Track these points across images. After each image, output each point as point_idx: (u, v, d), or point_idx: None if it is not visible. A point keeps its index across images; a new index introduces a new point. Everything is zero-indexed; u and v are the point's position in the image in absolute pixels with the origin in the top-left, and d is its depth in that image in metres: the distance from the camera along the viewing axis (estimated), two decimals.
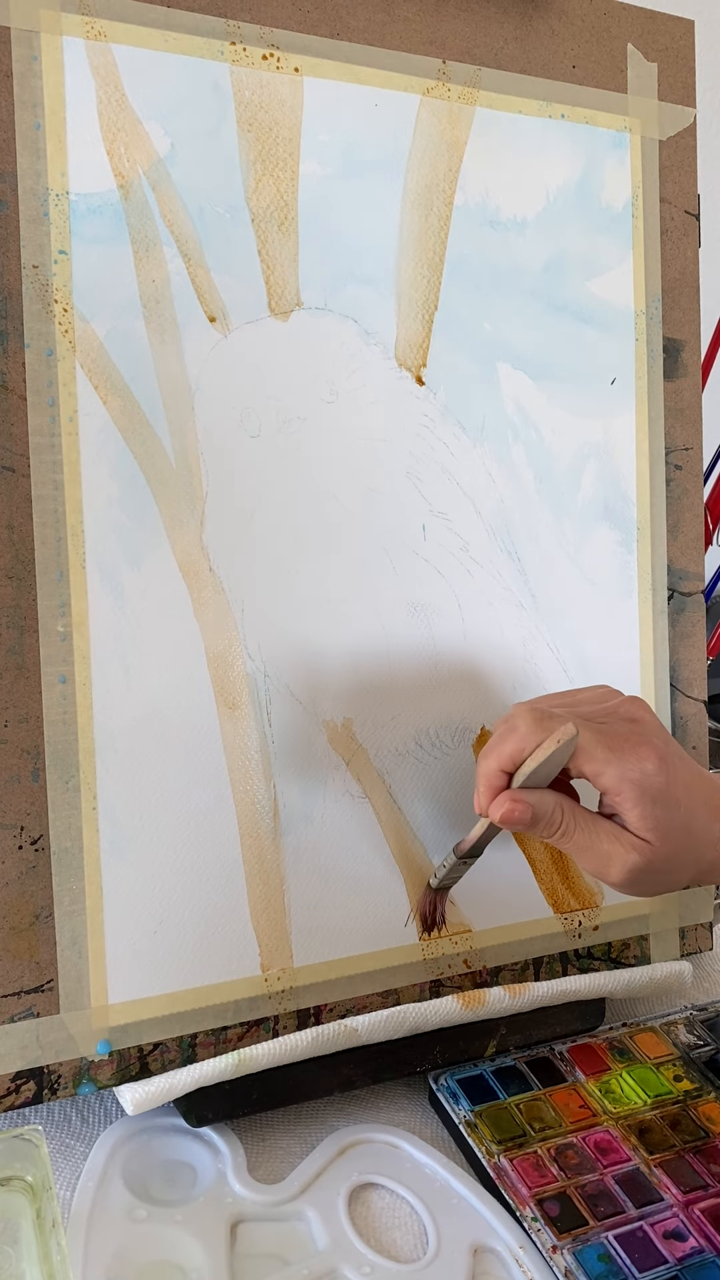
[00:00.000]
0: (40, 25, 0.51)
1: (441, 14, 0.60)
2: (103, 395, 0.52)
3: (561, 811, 0.50)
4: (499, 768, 0.50)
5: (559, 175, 0.63)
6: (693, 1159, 0.54)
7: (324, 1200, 0.51)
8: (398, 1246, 0.50)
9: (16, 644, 0.50)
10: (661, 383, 0.67)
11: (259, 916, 0.55)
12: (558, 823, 0.50)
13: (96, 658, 0.52)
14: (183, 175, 0.54)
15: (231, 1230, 0.49)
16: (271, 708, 0.56)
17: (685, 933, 0.67)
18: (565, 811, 0.50)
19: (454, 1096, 0.56)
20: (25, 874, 0.50)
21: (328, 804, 0.57)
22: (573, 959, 0.63)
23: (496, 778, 0.50)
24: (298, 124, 0.56)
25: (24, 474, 0.50)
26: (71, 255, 0.51)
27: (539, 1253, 0.49)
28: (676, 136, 0.67)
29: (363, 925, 0.57)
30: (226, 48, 0.55)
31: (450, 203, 0.60)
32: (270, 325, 0.56)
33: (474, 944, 0.61)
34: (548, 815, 0.49)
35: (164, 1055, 0.53)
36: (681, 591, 0.67)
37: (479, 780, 0.51)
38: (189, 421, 0.54)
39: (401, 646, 0.59)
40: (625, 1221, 0.51)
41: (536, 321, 0.63)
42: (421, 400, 0.60)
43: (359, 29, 0.58)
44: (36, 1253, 0.44)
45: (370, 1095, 0.58)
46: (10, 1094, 0.50)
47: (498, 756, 0.50)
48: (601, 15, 0.65)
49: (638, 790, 0.48)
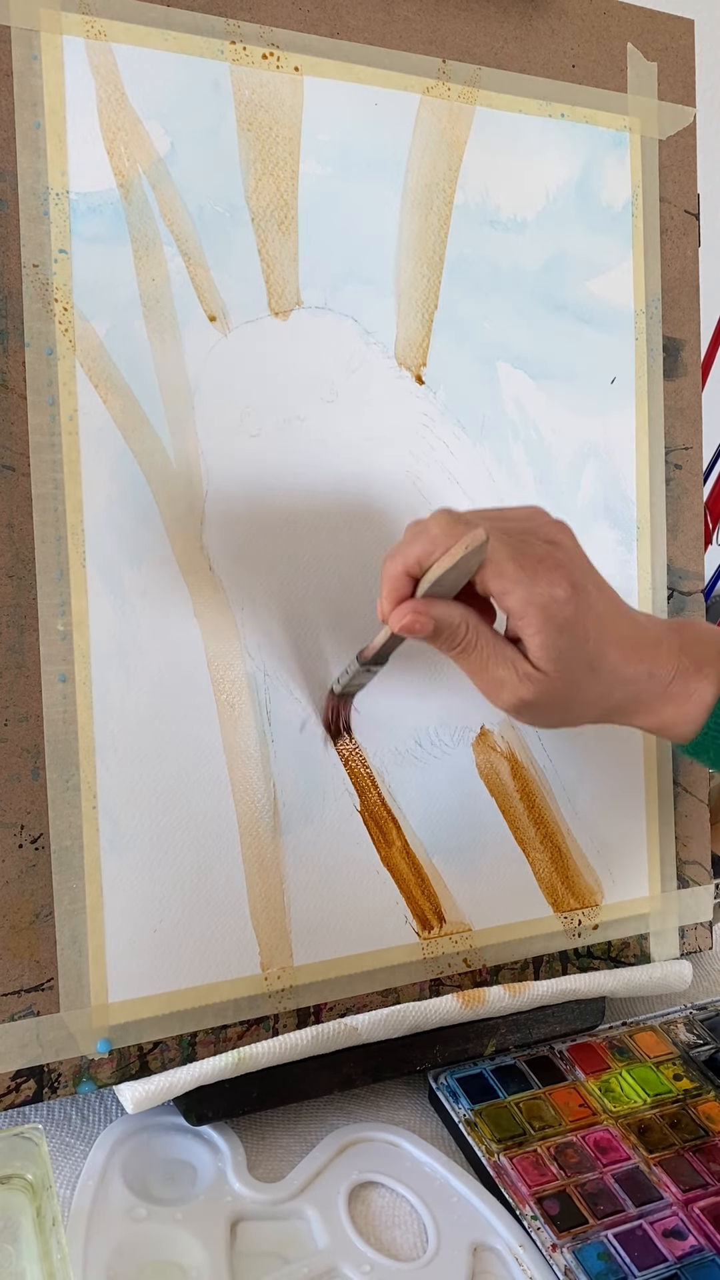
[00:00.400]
0: (40, 24, 0.51)
1: (441, 13, 0.60)
2: (103, 394, 0.52)
3: (466, 627, 0.47)
4: (404, 570, 0.47)
5: (559, 175, 0.63)
6: (692, 1158, 0.54)
7: (324, 1199, 0.51)
8: (397, 1245, 0.50)
9: (16, 643, 0.50)
10: (661, 382, 0.67)
11: (259, 915, 0.55)
12: (459, 637, 0.47)
13: (96, 657, 0.52)
14: (183, 174, 0.54)
15: (231, 1229, 0.49)
16: (271, 707, 0.56)
17: (685, 932, 0.67)
18: (470, 627, 0.47)
19: (454, 1095, 0.56)
20: (25, 873, 0.50)
21: (327, 804, 0.57)
22: (572, 958, 0.63)
23: (401, 581, 0.47)
24: (298, 123, 0.56)
25: (24, 473, 0.51)
26: (71, 254, 0.51)
27: (539, 1251, 0.49)
28: (676, 136, 0.67)
29: (362, 924, 0.57)
30: (226, 47, 0.55)
31: (450, 202, 0.60)
32: (270, 324, 0.56)
33: (474, 943, 0.61)
34: (450, 628, 0.47)
35: (164, 1054, 0.53)
36: (681, 591, 0.67)
37: (383, 582, 0.48)
38: (189, 421, 0.54)
39: (401, 645, 0.59)
40: (625, 1220, 0.51)
41: (536, 321, 0.63)
42: (421, 399, 0.60)
43: (359, 28, 0.58)
44: (37, 1251, 0.44)
45: (370, 1094, 0.58)
46: (10, 1092, 0.50)
47: (404, 558, 0.47)
48: (601, 14, 0.65)
49: (543, 616, 0.46)
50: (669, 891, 0.66)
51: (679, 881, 0.67)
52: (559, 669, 0.46)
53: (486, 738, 0.61)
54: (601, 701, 0.48)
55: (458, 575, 0.46)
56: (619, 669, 0.48)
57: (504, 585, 0.46)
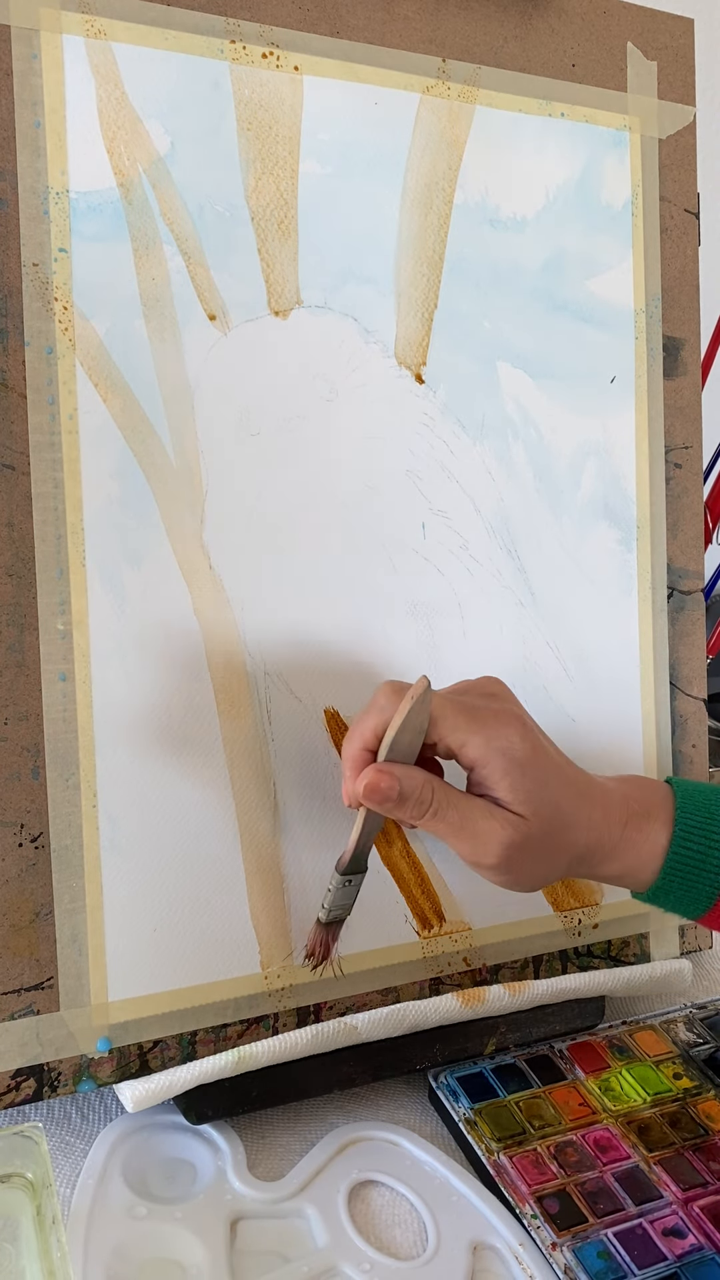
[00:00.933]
0: (40, 23, 0.51)
1: (441, 12, 0.60)
2: (103, 393, 0.52)
3: (432, 789, 0.47)
4: (362, 747, 0.48)
5: (559, 174, 0.63)
6: (692, 1156, 0.54)
7: (324, 1197, 0.51)
8: (397, 1244, 0.50)
9: (16, 641, 0.50)
10: (661, 381, 0.67)
11: (259, 914, 0.55)
12: (428, 800, 0.47)
13: (96, 656, 0.52)
14: (183, 173, 0.54)
15: (231, 1227, 0.49)
16: (271, 706, 0.56)
17: (685, 931, 0.67)
18: (436, 789, 0.47)
19: (454, 1094, 0.56)
20: (25, 871, 0.50)
21: (327, 803, 0.57)
22: (572, 957, 0.63)
23: (361, 758, 0.48)
24: (297, 122, 0.56)
25: (24, 472, 0.51)
26: (71, 253, 0.51)
27: (539, 1250, 0.49)
28: (676, 135, 0.67)
29: (362, 923, 0.57)
30: (226, 46, 0.55)
31: (450, 201, 0.60)
32: (270, 324, 0.56)
33: (474, 942, 0.61)
34: (416, 791, 0.47)
35: (164, 1053, 0.53)
36: (681, 590, 0.67)
37: (345, 766, 0.48)
38: (189, 420, 0.54)
39: (401, 645, 0.59)
40: (625, 1219, 0.51)
41: (536, 320, 0.63)
42: (421, 399, 0.60)
43: (359, 27, 0.58)
44: (37, 1250, 0.44)
45: (370, 1093, 0.58)
46: (10, 1091, 0.50)
47: (360, 734, 0.48)
48: (601, 14, 0.65)
49: (506, 759, 0.46)
50: None
51: None
52: (532, 810, 0.47)
53: None
54: (571, 846, 0.49)
55: (410, 735, 0.47)
56: (578, 813, 0.48)
57: (461, 738, 0.47)
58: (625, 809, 0.50)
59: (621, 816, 0.50)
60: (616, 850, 0.50)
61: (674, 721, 0.67)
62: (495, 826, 0.47)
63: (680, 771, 0.67)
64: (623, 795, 0.51)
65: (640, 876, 0.51)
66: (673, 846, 0.50)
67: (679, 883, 0.50)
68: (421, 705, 0.46)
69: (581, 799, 0.49)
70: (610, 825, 0.49)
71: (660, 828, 0.50)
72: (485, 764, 0.47)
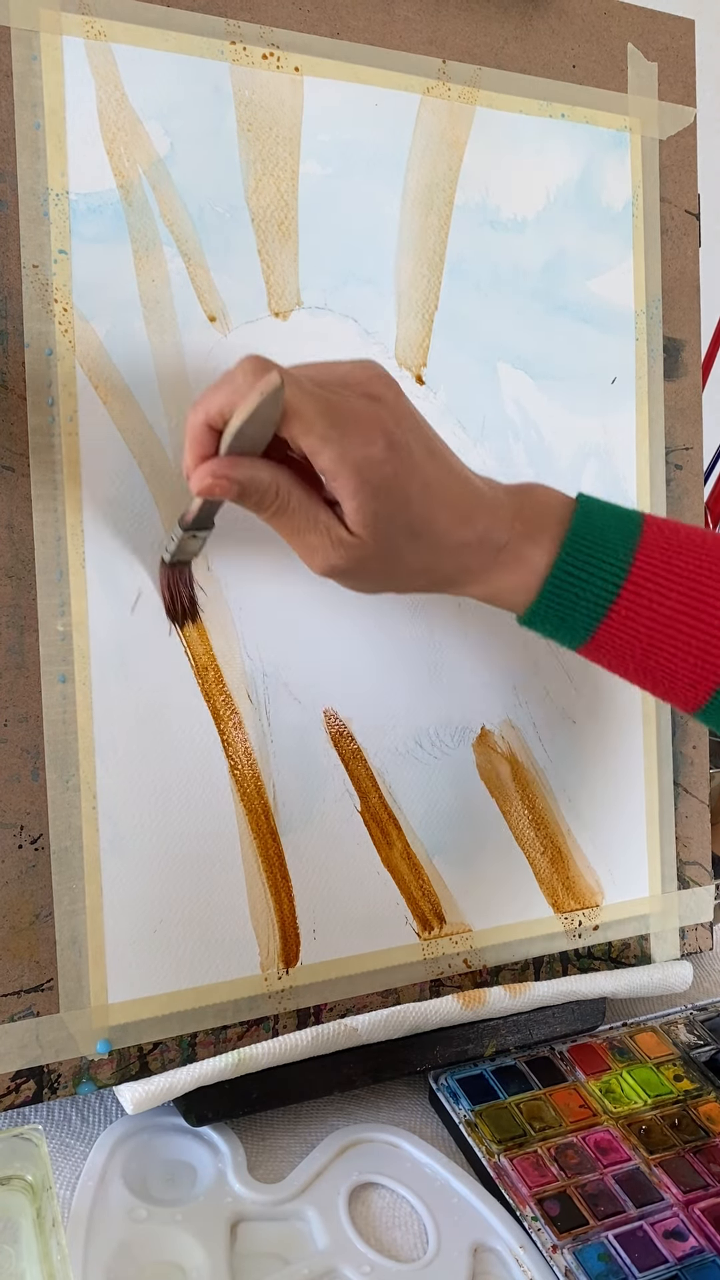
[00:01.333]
0: (40, 25, 0.51)
1: (442, 13, 0.60)
2: (102, 395, 0.52)
3: (277, 489, 0.43)
4: (205, 420, 0.43)
5: (559, 175, 0.63)
6: (693, 1159, 0.54)
7: (324, 1199, 0.51)
8: (398, 1246, 0.50)
9: (16, 643, 0.50)
10: (661, 382, 0.67)
11: (259, 916, 0.55)
12: (269, 500, 0.43)
13: (96, 657, 0.52)
14: (183, 175, 0.54)
15: (231, 1229, 0.49)
16: (271, 707, 0.56)
17: (685, 932, 0.67)
18: (281, 489, 0.43)
19: (454, 1096, 0.56)
20: (25, 873, 0.50)
21: (327, 804, 0.57)
22: (573, 959, 0.63)
23: (202, 433, 0.43)
24: (298, 123, 0.56)
25: (24, 473, 0.50)
26: (71, 255, 0.51)
27: (539, 1252, 0.49)
28: (677, 136, 0.67)
29: (363, 925, 0.57)
30: (226, 47, 0.55)
31: (450, 202, 0.60)
32: (270, 325, 0.56)
33: (474, 944, 0.61)
34: (259, 490, 0.43)
35: (164, 1054, 0.53)
36: None
37: (186, 437, 0.44)
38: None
39: (401, 646, 0.59)
40: (625, 1221, 0.51)
41: (537, 321, 0.63)
42: (422, 400, 0.60)
43: (359, 28, 0.58)
44: (37, 1252, 0.44)
45: (370, 1095, 0.58)
46: (10, 1093, 0.50)
47: (205, 408, 0.43)
48: (602, 15, 0.65)
49: (357, 477, 0.42)
50: (669, 892, 0.66)
51: (679, 882, 0.67)
52: (375, 534, 0.43)
53: (487, 738, 0.61)
54: (430, 572, 0.46)
55: (259, 427, 0.42)
56: (447, 535, 0.45)
57: (313, 443, 0.42)
58: (509, 528, 0.46)
59: (501, 538, 0.46)
60: (487, 573, 0.46)
61: (674, 723, 0.67)
62: (325, 543, 0.44)
63: (680, 772, 0.67)
64: (513, 512, 0.46)
65: (513, 598, 0.47)
66: (552, 571, 0.46)
67: (555, 608, 0.46)
68: (271, 401, 0.41)
69: (456, 521, 0.45)
70: (484, 549, 0.45)
71: (544, 550, 0.46)
72: (335, 476, 0.42)
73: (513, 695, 0.62)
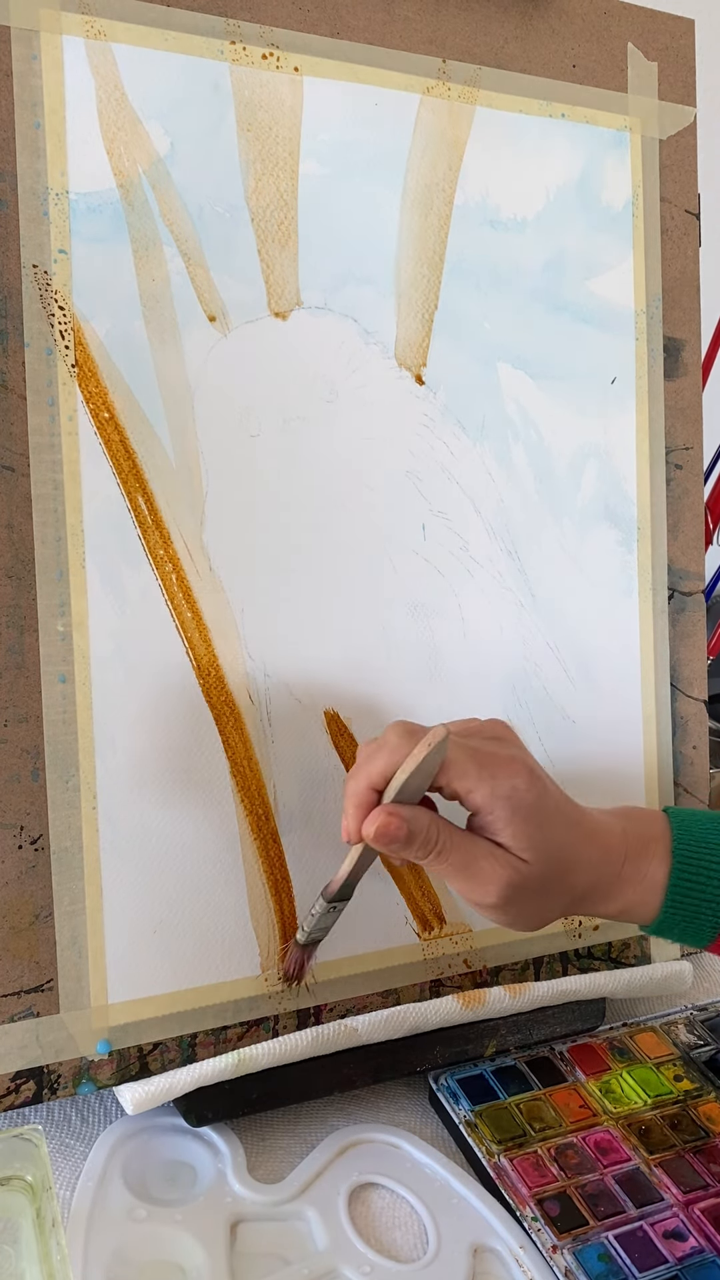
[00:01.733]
0: (40, 24, 0.51)
1: (442, 13, 0.60)
2: (102, 395, 0.52)
3: (438, 828, 0.47)
4: (369, 785, 0.47)
5: (559, 174, 0.63)
6: (693, 1159, 0.54)
7: (324, 1200, 0.51)
8: (398, 1246, 0.50)
9: (16, 643, 0.50)
10: (662, 382, 0.67)
11: (259, 916, 0.55)
12: (434, 840, 0.47)
13: (96, 657, 0.52)
14: (183, 175, 0.54)
15: (231, 1230, 0.49)
16: (271, 707, 0.56)
17: None
18: (441, 830, 0.47)
19: (454, 1096, 0.56)
20: (25, 874, 0.50)
21: (328, 804, 0.57)
22: (573, 959, 0.63)
23: (367, 796, 0.48)
24: (297, 123, 0.56)
25: (24, 473, 0.50)
26: (71, 254, 0.51)
27: (539, 1252, 0.49)
28: (677, 136, 0.67)
29: (363, 925, 0.57)
30: (226, 47, 0.55)
31: (450, 202, 0.60)
32: (270, 325, 0.56)
33: (474, 944, 0.61)
34: (423, 831, 0.47)
35: (164, 1055, 0.53)
36: (682, 591, 0.67)
37: (347, 802, 0.48)
38: (189, 421, 0.54)
39: (401, 646, 0.59)
40: (625, 1221, 0.51)
41: (537, 321, 0.63)
42: (421, 400, 0.60)
43: (359, 28, 0.58)
44: (36, 1252, 0.44)
45: (370, 1095, 0.58)
46: (10, 1093, 0.50)
47: (368, 774, 0.47)
48: (602, 14, 0.65)
49: (510, 807, 0.47)
50: None
51: None
52: (535, 854, 0.47)
53: None
54: (571, 889, 0.49)
55: (420, 779, 0.47)
56: (579, 853, 0.49)
57: (468, 784, 0.47)
58: (624, 846, 0.50)
59: (620, 855, 0.50)
60: (616, 888, 0.50)
61: (675, 723, 0.67)
62: (497, 868, 0.47)
63: (680, 772, 0.67)
64: (622, 832, 0.51)
65: (642, 912, 0.51)
66: (671, 881, 0.50)
67: (682, 916, 0.50)
68: (437, 753, 0.46)
69: (583, 841, 0.49)
70: (610, 864, 0.50)
71: (659, 863, 0.50)
72: (490, 810, 0.47)
73: (512, 695, 0.62)
